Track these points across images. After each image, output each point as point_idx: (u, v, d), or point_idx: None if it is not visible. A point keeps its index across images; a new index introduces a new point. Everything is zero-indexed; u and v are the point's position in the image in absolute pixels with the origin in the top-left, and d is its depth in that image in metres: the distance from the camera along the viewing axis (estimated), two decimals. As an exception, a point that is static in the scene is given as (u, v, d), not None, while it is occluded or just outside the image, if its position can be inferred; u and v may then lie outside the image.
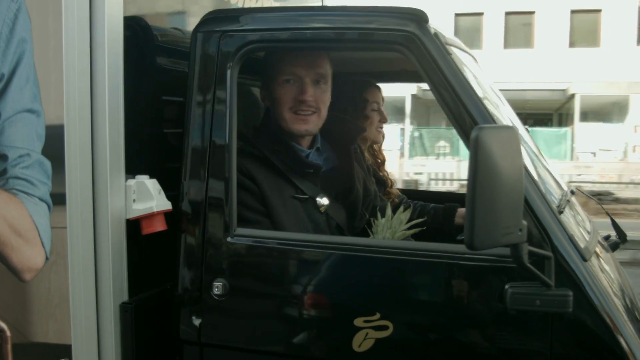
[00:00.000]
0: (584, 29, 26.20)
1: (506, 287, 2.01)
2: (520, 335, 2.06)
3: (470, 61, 2.61)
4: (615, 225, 2.97)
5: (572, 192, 2.65)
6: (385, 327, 2.13)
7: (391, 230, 2.54)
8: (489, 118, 2.10)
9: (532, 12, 26.13)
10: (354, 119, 3.30)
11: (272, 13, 2.47)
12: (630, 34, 25.52)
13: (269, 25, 2.36)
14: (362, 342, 2.15)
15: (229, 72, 2.32)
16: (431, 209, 3.24)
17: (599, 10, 25.93)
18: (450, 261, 2.10)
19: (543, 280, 1.95)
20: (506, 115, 2.56)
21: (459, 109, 2.11)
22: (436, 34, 2.19)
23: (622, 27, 25.42)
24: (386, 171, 3.67)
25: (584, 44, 26.21)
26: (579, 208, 2.72)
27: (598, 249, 2.37)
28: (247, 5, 3.09)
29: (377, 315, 2.14)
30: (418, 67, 2.17)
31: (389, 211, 2.59)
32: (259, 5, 3.19)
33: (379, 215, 2.61)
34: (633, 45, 25.15)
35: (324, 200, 2.54)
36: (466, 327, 2.12)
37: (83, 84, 2.20)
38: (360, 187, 2.73)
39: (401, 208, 2.66)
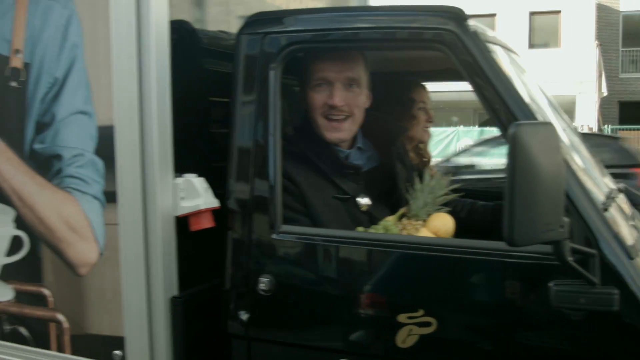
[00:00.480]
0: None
1: (550, 284, 2.00)
2: (564, 333, 2.05)
3: (513, 59, 2.58)
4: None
5: (620, 190, 2.61)
6: (428, 324, 2.15)
7: (432, 194, 2.50)
8: (531, 115, 2.09)
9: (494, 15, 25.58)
10: (400, 118, 3.29)
11: (313, 14, 2.49)
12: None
13: (310, 26, 2.38)
14: (406, 338, 2.17)
15: (271, 73, 2.36)
16: (480, 207, 3.22)
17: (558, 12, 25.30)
18: (494, 258, 2.10)
19: (587, 278, 1.94)
20: (550, 113, 2.54)
21: (499, 106, 2.10)
22: (475, 32, 2.18)
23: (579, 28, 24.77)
24: (432, 170, 3.66)
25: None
26: (627, 206, 2.67)
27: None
28: (291, 7, 3.12)
29: (421, 312, 2.15)
30: (458, 65, 2.17)
31: (427, 175, 2.56)
32: (302, 6, 3.22)
33: (416, 179, 2.56)
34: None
35: (365, 200, 2.55)
36: (509, 325, 2.12)
37: (131, 86, 2.27)
38: (403, 185, 2.74)
39: (439, 174, 2.63)
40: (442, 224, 2.44)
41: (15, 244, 2.62)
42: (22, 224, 2.59)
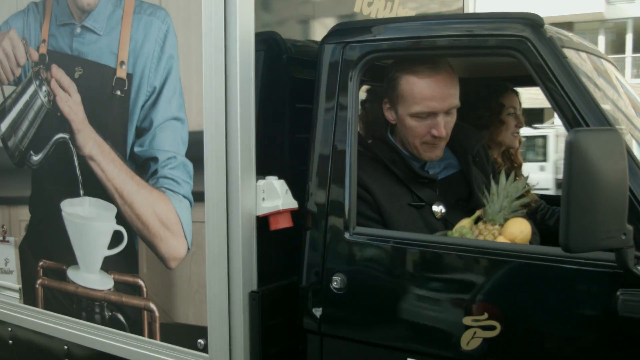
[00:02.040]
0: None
1: (617, 293, 1.99)
2: (631, 343, 2.03)
3: (598, 64, 2.57)
4: None
5: None
6: (492, 327, 2.18)
7: (509, 198, 2.45)
8: (604, 122, 2.08)
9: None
10: (488, 124, 3.31)
11: (391, 24, 2.59)
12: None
13: (388, 35, 2.49)
14: (470, 340, 2.21)
15: (351, 81, 2.48)
16: (557, 213, 3.18)
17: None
18: (561, 265, 2.11)
19: (655, 288, 1.92)
20: (636, 120, 2.50)
21: (571, 113, 2.11)
22: (551, 38, 2.19)
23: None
24: (523, 175, 3.63)
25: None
26: None
27: None
28: (380, 16, 3.24)
29: (485, 315, 2.19)
30: (532, 72, 2.19)
31: (503, 179, 2.50)
32: (392, 15, 3.32)
33: (492, 183, 2.53)
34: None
35: (440, 208, 2.60)
36: (574, 332, 2.11)
37: (219, 95, 2.46)
38: (480, 193, 2.76)
39: (512, 175, 2.55)
40: (519, 231, 2.39)
41: (116, 238, 2.88)
42: (123, 220, 2.85)
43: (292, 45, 2.77)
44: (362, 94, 3.07)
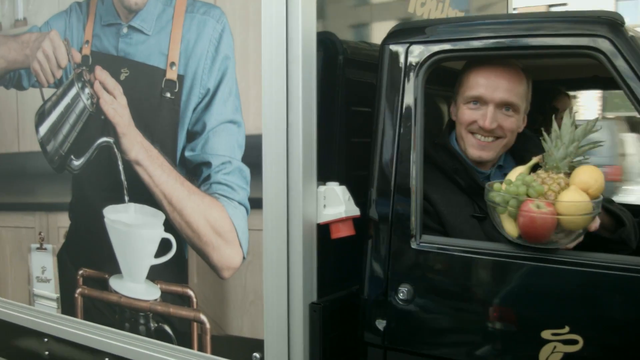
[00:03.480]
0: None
1: None
2: None
3: None
4: None
5: None
6: (574, 342, 2.06)
7: (575, 142, 2.13)
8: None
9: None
10: (543, 127, 3.20)
11: (457, 23, 2.48)
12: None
13: (454, 35, 2.37)
14: (549, 355, 2.09)
15: (415, 83, 2.37)
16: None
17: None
18: None
19: None
20: None
21: None
22: (632, 37, 2.10)
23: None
24: None
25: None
26: None
27: None
28: (432, 16, 3.14)
29: (567, 329, 2.07)
30: (613, 72, 2.09)
31: (568, 120, 2.16)
32: (443, 15, 3.22)
33: (554, 125, 2.19)
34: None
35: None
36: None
37: (279, 97, 2.35)
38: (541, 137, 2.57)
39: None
40: (593, 180, 2.07)
41: (164, 246, 2.77)
42: (171, 228, 2.74)
43: (347, 46, 2.67)
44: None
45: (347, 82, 2.62)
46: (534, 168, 2.22)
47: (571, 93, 3.41)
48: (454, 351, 2.28)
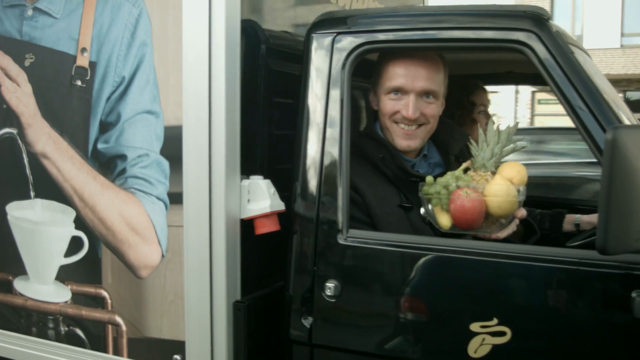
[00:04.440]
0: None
1: (633, 294, 1.93)
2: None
3: (589, 61, 2.53)
4: None
5: None
6: (503, 333, 2.08)
7: (500, 144, 2.31)
8: (615, 119, 2.03)
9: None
10: (460, 122, 3.24)
11: (385, 14, 2.45)
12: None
13: (383, 26, 2.34)
14: (478, 347, 2.10)
15: (342, 73, 2.33)
16: (537, 214, 3.15)
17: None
18: (574, 267, 2.03)
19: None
20: (626, 116, 2.47)
21: (583, 110, 2.05)
22: (558, 32, 2.13)
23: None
24: None
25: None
26: None
27: None
28: (353, 7, 3.10)
29: (495, 321, 2.09)
30: (538, 66, 2.11)
31: (492, 125, 2.35)
32: (364, 7, 3.19)
33: (480, 131, 2.37)
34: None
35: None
36: (589, 336, 2.04)
37: (201, 86, 2.25)
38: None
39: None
40: (515, 171, 2.23)
41: (74, 245, 2.60)
42: (82, 225, 2.57)
43: (270, 35, 2.58)
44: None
45: (270, 73, 2.54)
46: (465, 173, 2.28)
47: (488, 88, 3.46)
48: (382, 347, 2.26)
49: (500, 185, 2.16)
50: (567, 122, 2.17)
